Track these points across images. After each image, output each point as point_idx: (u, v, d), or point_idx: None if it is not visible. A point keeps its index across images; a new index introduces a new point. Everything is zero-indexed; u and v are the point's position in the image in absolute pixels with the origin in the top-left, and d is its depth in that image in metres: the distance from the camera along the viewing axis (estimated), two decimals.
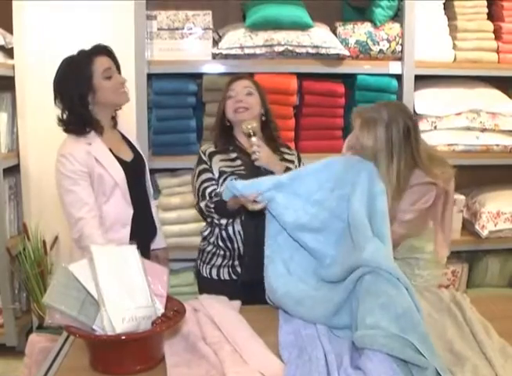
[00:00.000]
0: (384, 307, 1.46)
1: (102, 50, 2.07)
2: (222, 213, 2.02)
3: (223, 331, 1.54)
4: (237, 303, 1.83)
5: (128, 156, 2.14)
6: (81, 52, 2.06)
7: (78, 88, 1.99)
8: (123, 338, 1.35)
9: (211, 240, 2.14)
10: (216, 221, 2.07)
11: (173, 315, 1.49)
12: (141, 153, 2.23)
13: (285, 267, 1.83)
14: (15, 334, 3.09)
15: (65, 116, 2.04)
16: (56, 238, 3.16)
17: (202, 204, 2.07)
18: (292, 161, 2.20)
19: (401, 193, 1.91)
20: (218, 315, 1.63)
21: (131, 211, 2.08)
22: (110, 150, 2.06)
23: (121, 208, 2.06)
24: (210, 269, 2.15)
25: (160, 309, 1.48)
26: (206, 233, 2.17)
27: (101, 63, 2.02)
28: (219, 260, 2.13)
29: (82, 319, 1.40)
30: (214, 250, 2.14)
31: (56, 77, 2.05)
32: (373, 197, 1.77)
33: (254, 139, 2.07)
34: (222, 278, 2.13)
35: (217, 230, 2.12)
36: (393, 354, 1.38)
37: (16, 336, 3.09)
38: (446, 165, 2.01)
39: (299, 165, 2.22)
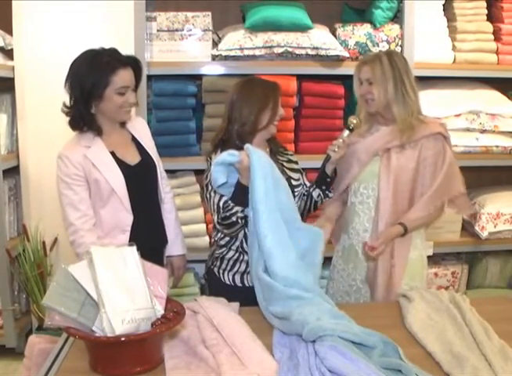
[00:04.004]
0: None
1: (133, 63, 1.98)
2: (241, 200, 1.90)
3: (222, 333, 1.54)
4: (236, 305, 1.83)
5: (134, 159, 2.06)
6: (111, 53, 1.95)
7: (89, 88, 1.89)
8: (122, 339, 1.35)
9: (234, 246, 2.08)
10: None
11: (173, 316, 1.48)
12: (151, 155, 2.13)
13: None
14: (14, 335, 3.09)
15: (72, 102, 1.96)
16: (56, 239, 3.16)
17: (232, 212, 1.93)
18: (296, 162, 2.22)
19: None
20: (217, 317, 1.62)
21: (130, 218, 2.01)
22: (113, 153, 2.00)
23: (119, 215, 2.00)
24: (234, 275, 2.10)
25: (160, 311, 1.48)
26: (225, 241, 2.10)
27: (123, 78, 1.93)
28: (243, 266, 2.08)
29: (82, 321, 1.40)
30: (237, 256, 2.09)
31: (76, 63, 1.94)
32: None
33: (346, 133, 2.08)
34: (247, 285, 2.08)
35: (240, 235, 2.05)
36: (343, 336, 1.43)
37: (16, 337, 3.09)
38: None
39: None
